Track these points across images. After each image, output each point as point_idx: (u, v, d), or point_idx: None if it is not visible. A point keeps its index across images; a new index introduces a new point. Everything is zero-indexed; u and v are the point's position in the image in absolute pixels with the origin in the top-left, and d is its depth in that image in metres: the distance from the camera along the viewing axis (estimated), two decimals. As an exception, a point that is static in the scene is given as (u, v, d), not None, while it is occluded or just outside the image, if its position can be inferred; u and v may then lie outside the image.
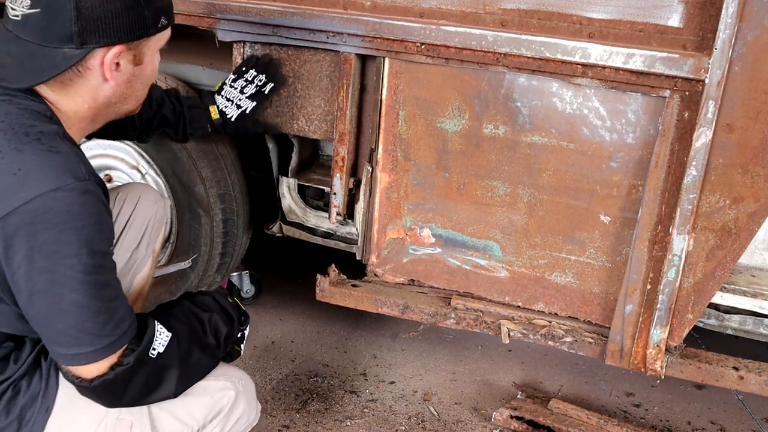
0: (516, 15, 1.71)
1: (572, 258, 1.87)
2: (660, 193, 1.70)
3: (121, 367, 1.16)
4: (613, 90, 1.69)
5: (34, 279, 1.09)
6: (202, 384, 1.33)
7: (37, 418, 1.22)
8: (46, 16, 1.12)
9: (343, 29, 1.81)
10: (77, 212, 1.09)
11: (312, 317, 2.66)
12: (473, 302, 1.98)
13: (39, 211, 1.07)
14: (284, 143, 2.22)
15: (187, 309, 1.33)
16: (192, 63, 2.24)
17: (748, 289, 1.87)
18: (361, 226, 2.03)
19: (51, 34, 1.13)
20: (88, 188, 1.12)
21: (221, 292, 1.45)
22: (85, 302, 1.11)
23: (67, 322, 1.11)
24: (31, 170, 1.08)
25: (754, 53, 1.53)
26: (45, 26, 1.12)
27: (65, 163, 1.11)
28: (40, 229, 1.07)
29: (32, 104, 1.17)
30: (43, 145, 1.11)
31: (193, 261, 2.22)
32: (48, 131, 1.14)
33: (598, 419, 2.10)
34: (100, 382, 1.16)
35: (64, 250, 1.08)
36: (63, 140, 1.15)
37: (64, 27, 1.12)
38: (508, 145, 1.82)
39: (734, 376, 1.80)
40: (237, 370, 1.43)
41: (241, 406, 1.38)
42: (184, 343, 1.26)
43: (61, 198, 1.08)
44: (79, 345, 1.13)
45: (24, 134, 1.12)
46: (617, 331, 1.81)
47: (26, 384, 1.23)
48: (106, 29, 1.15)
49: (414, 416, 2.16)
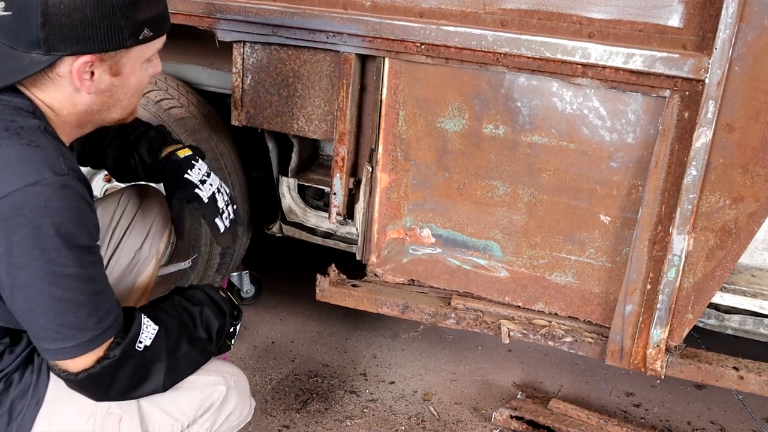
0: (516, 15, 1.71)
1: (572, 258, 1.87)
2: (660, 193, 1.70)
3: (107, 361, 1.16)
4: (613, 90, 1.69)
5: (13, 274, 1.09)
6: (192, 379, 1.32)
7: (28, 410, 1.23)
8: (16, 20, 1.12)
9: (343, 29, 1.81)
10: (55, 207, 1.09)
11: (312, 317, 2.66)
12: (473, 302, 1.98)
13: (16, 206, 1.06)
14: (284, 143, 2.22)
15: (177, 303, 1.33)
16: (192, 63, 2.24)
17: (748, 289, 1.87)
18: (361, 226, 2.03)
19: (21, 38, 1.12)
20: (67, 183, 1.11)
21: (213, 286, 1.45)
22: (65, 296, 1.11)
23: (48, 316, 1.11)
24: (8, 164, 1.08)
25: (754, 53, 1.53)
26: (16, 30, 1.12)
27: (44, 157, 1.10)
28: (17, 224, 1.06)
29: (14, 100, 1.17)
30: (23, 140, 1.11)
31: (193, 261, 2.22)
32: (29, 126, 1.14)
33: (598, 419, 2.10)
34: (86, 376, 1.16)
35: (42, 245, 1.08)
36: (44, 134, 1.15)
37: (31, 32, 1.11)
38: (508, 145, 1.82)
39: (734, 376, 1.80)
40: (230, 366, 1.43)
41: (233, 402, 1.38)
42: (172, 336, 1.25)
43: (38, 192, 1.07)
44: (61, 339, 1.13)
45: (4, 129, 1.11)
46: (617, 331, 1.81)
47: (18, 377, 1.24)
48: (74, 38, 1.13)
49: (414, 416, 2.16)
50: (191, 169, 1.51)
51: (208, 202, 1.52)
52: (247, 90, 2.00)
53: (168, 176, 1.52)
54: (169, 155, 1.53)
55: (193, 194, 1.50)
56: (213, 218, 1.53)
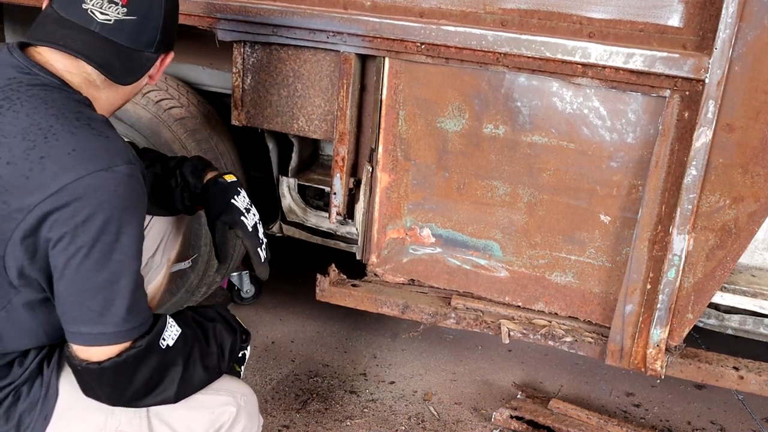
0: (516, 15, 1.71)
1: (572, 258, 1.87)
2: (660, 193, 1.70)
3: (134, 350, 1.16)
4: (613, 90, 1.69)
5: (72, 252, 1.11)
6: (202, 398, 1.31)
7: (36, 425, 1.22)
8: (140, 24, 1.26)
9: (343, 29, 1.81)
10: (123, 193, 1.13)
11: (312, 317, 2.66)
12: (473, 302, 1.98)
13: (89, 188, 1.10)
14: (284, 143, 2.22)
15: (191, 317, 1.33)
16: (192, 63, 2.24)
17: (748, 289, 1.87)
18: (361, 226, 2.03)
19: (141, 39, 1.28)
20: (134, 172, 1.17)
21: (223, 305, 1.45)
22: (117, 282, 1.13)
23: (97, 299, 1.13)
24: (85, 150, 1.13)
25: (754, 53, 1.53)
26: (138, 32, 1.27)
27: (114, 147, 1.17)
28: (87, 205, 1.10)
29: (72, 94, 1.22)
30: (94, 130, 1.17)
31: (193, 261, 2.22)
32: (95, 117, 1.21)
33: (598, 419, 2.10)
34: (111, 364, 1.15)
35: (107, 228, 1.11)
36: (110, 127, 1.22)
37: (151, 34, 1.29)
38: (508, 145, 1.83)
39: (734, 376, 1.80)
40: (240, 385, 1.41)
41: (242, 423, 1.36)
42: (188, 345, 1.25)
43: (110, 177, 1.12)
44: (104, 324, 1.13)
45: (75, 119, 1.17)
46: (617, 331, 1.81)
47: (27, 390, 1.23)
48: (171, 38, 1.36)
49: (414, 416, 2.16)
50: (237, 195, 1.52)
51: (252, 231, 1.52)
52: (247, 90, 2.00)
53: (212, 199, 1.52)
54: (216, 178, 1.55)
55: (240, 221, 1.50)
56: (255, 248, 1.53)
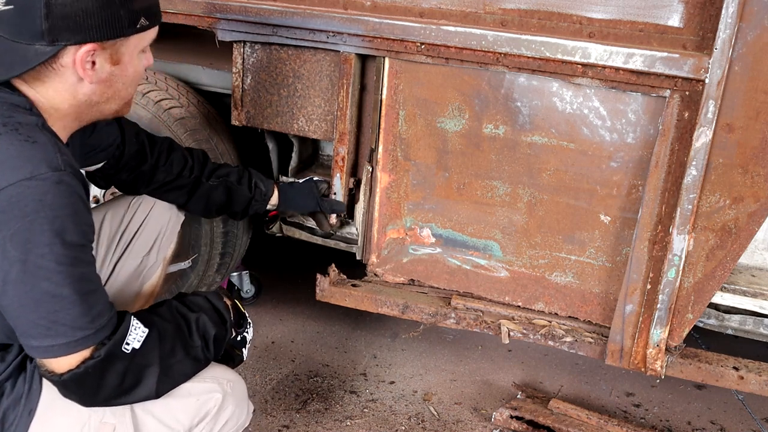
0: (516, 15, 1.71)
1: (572, 258, 1.87)
2: (660, 193, 1.70)
3: (92, 361, 1.14)
4: (613, 90, 1.69)
5: (6, 269, 1.08)
6: (186, 386, 1.30)
7: (20, 421, 1.21)
8: (18, 13, 1.14)
9: (343, 29, 1.81)
10: (50, 202, 1.09)
11: (312, 317, 2.66)
12: (473, 302, 1.98)
13: (12, 200, 1.07)
14: (284, 143, 2.22)
15: (174, 308, 1.31)
16: (192, 63, 2.24)
17: (748, 289, 1.87)
18: (361, 226, 2.04)
19: (23, 30, 1.14)
20: (63, 179, 1.11)
21: (218, 293, 1.42)
22: (57, 292, 1.10)
23: (39, 312, 1.10)
24: (6, 159, 1.09)
25: (754, 53, 1.53)
26: (18, 23, 1.14)
27: (41, 153, 1.11)
28: (12, 218, 1.07)
29: (11, 97, 1.18)
30: (20, 135, 1.12)
31: (193, 261, 2.22)
32: (26, 122, 1.15)
33: (598, 419, 2.10)
34: (70, 376, 1.14)
35: (36, 240, 1.08)
36: (42, 131, 1.15)
37: (34, 24, 1.13)
38: (508, 145, 1.83)
39: (734, 376, 1.80)
40: (226, 371, 1.40)
41: (230, 408, 1.35)
42: (166, 341, 1.23)
43: (34, 187, 1.08)
44: (52, 336, 1.11)
45: (1, 125, 1.12)
46: (617, 331, 1.81)
47: (10, 386, 1.22)
48: (76, 27, 1.16)
49: (414, 416, 2.16)
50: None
51: None
52: (247, 90, 2.00)
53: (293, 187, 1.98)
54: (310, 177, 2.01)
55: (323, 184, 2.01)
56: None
